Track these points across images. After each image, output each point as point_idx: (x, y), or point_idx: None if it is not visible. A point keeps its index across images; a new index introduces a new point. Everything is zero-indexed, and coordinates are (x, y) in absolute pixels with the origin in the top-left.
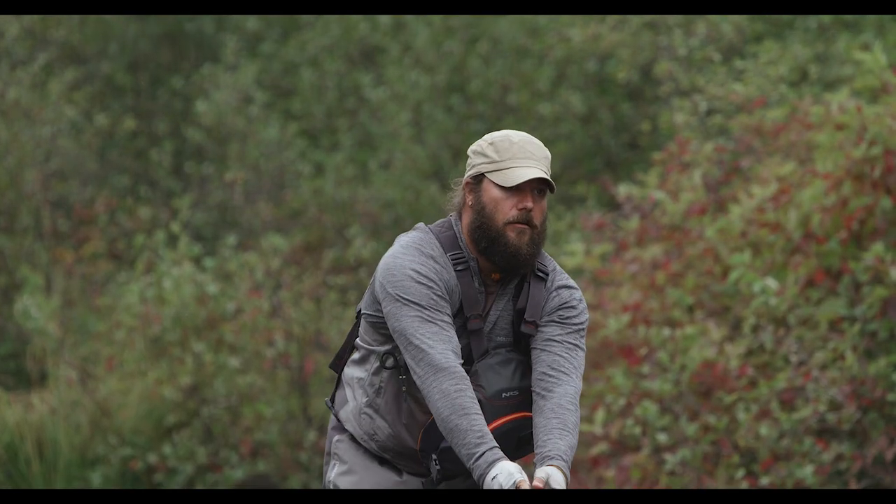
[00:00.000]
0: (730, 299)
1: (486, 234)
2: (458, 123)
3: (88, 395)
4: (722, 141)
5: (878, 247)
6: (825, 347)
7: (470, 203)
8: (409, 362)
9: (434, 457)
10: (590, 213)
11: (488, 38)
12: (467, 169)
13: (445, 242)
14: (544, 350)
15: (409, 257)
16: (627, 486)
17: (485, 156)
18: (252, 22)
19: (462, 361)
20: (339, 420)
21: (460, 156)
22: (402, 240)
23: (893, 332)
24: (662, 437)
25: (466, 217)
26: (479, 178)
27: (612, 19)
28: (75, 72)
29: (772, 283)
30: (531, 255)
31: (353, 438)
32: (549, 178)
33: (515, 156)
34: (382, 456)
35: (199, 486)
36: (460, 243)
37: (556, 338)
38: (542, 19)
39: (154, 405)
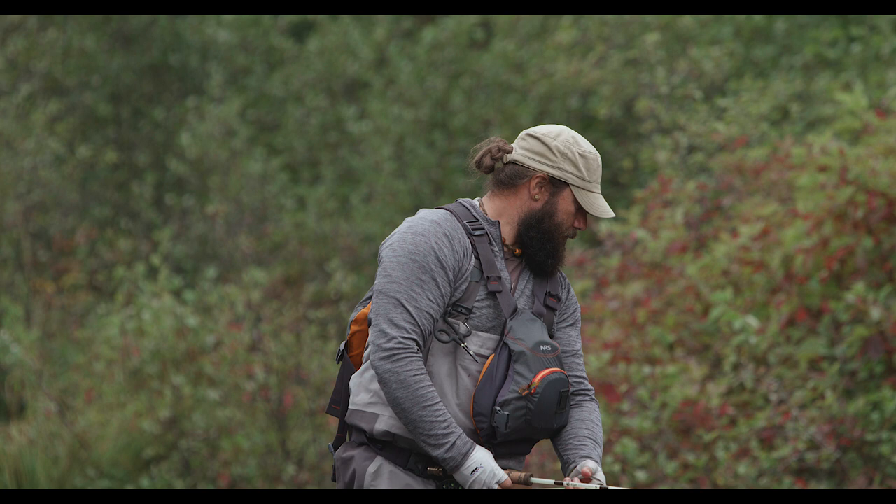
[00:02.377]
0: (710, 337)
1: (546, 238)
2: (439, 158)
3: (67, 426)
4: (703, 179)
5: (859, 286)
6: (805, 387)
7: (538, 198)
8: (378, 321)
9: (497, 408)
10: (571, 250)
11: (471, 74)
12: (539, 158)
13: (458, 212)
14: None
15: (424, 230)
16: None
17: (576, 167)
18: (237, 56)
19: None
20: (369, 439)
21: (441, 191)
22: (413, 219)
23: (873, 371)
24: (641, 475)
25: (521, 205)
26: (560, 184)
27: (594, 55)
28: (58, 103)
29: (752, 321)
30: (564, 263)
31: (391, 461)
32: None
33: (596, 180)
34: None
35: None
36: (475, 213)
37: (571, 330)
38: (526, 54)
39: (132, 437)
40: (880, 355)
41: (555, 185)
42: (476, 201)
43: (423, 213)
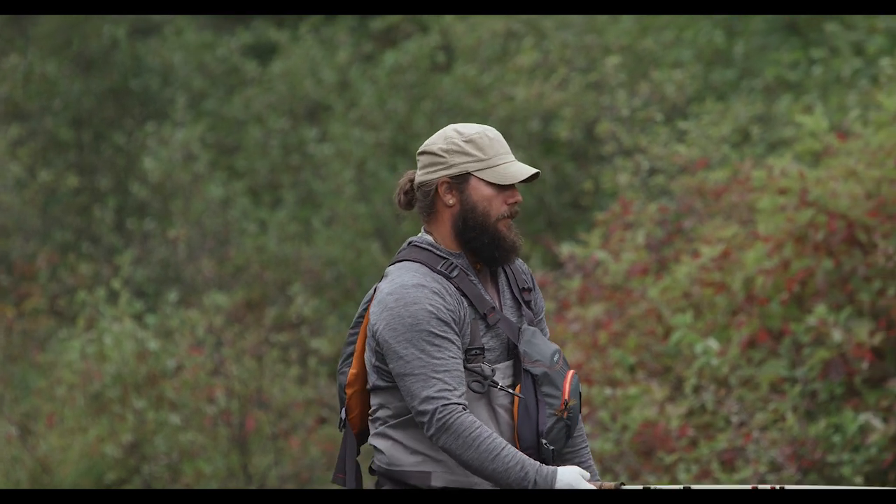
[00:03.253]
0: (671, 359)
1: (480, 233)
2: None
3: (28, 451)
4: (664, 201)
5: (821, 309)
6: (766, 408)
7: (452, 203)
8: (416, 404)
9: (543, 441)
10: (532, 272)
11: (433, 97)
12: (432, 168)
13: (428, 261)
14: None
15: (413, 298)
16: None
17: (467, 154)
18: (197, 80)
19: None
20: (395, 482)
21: (404, 215)
22: (395, 282)
23: (834, 393)
24: None
25: (446, 218)
26: (462, 178)
27: (555, 78)
28: (19, 128)
29: (713, 343)
30: (520, 245)
31: None
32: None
33: (499, 152)
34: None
35: None
36: (440, 252)
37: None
38: (487, 77)
39: (94, 462)
40: (841, 377)
41: (458, 181)
42: (426, 236)
43: (398, 277)
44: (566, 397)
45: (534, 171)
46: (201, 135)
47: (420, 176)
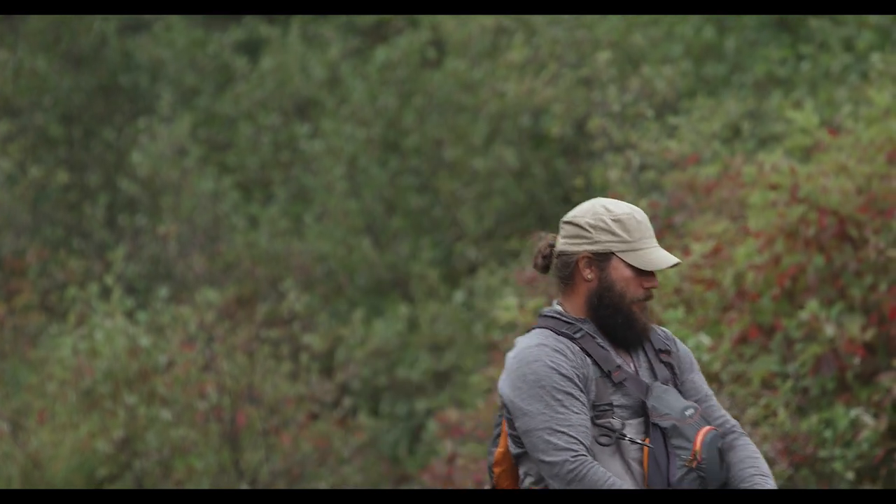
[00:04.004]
0: None
1: (615, 313)
2: (391, 177)
3: (20, 447)
4: (655, 197)
5: (812, 304)
6: (758, 404)
7: (590, 278)
8: (543, 458)
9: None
10: (523, 268)
11: (423, 93)
12: (576, 240)
13: (554, 327)
14: (690, 382)
15: (534, 357)
16: None
17: (612, 234)
18: (188, 77)
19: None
20: None
21: (394, 210)
22: (517, 347)
23: (825, 388)
24: None
25: (581, 291)
26: (604, 256)
27: (546, 74)
28: (9, 124)
29: (705, 339)
30: (650, 328)
31: None
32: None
33: (644, 236)
34: None
35: None
36: (566, 318)
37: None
38: (477, 73)
39: (86, 458)
40: (833, 372)
41: (600, 259)
42: (556, 307)
43: (521, 342)
44: (697, 448)
45: (676, 260)
46: (191, 131)
47: (562, 245)
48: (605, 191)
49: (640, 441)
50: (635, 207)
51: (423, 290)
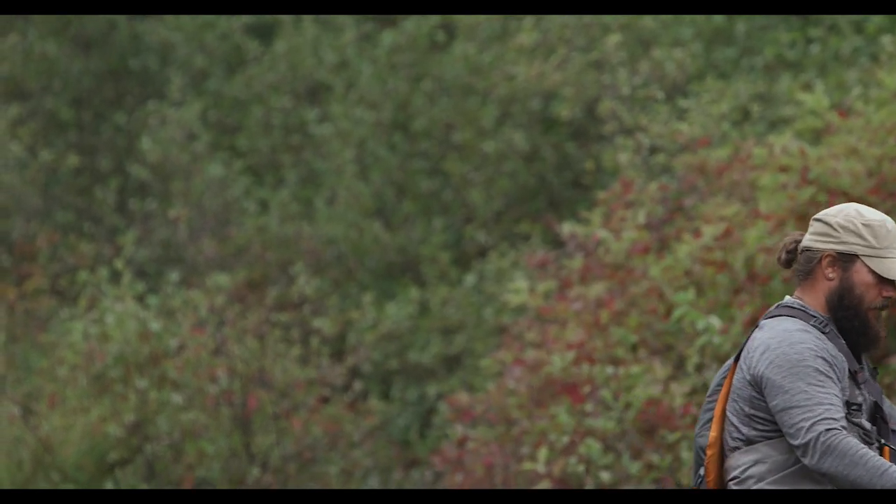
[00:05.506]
0: (673, 338)
1: (848, 314)
2: (401, 161)
3: (31, 431)
4: (665, 180)
5: None
6: None
7: (832, 277)
8: (798, 433)
9: None
10: (534, 251)
11: (433, 76)
12: (823, 238)
13: (801, 317)
14: None
15: (798, 339)
16: None
17: (860, 237)
18: (196, 58)
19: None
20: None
21: (404, 193)
22: (776, 329)
23: None
24: (606, 476)
25: (822, 288)
26: (849, 257)
27: (556, 58)
28: (19, 107)
29: (715, 321)
30: (883, 337)
31: None
32: None
33: (892, 245)
34: None
35: None
36: (812, 313)
37: None
38: (487, 56)
39: (97, 442)
40: None
41: (844, 260)
42: (793, 301)
43: (778, 325)
44: None
45: None
46: (201, 114)
47: (808, 241)
48: (615, 174)
49: (891, 445)
50: (887, 217)
51: (433, 274)
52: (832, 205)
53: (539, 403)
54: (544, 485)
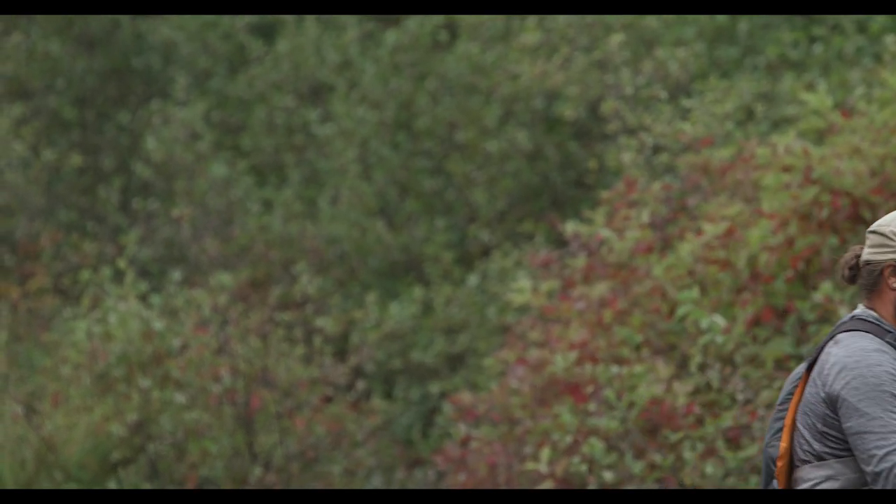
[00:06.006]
0: (677, 337)
1: None
2: (404, 160)
3: (34, 430)
4: (669, 179)
5: (826, 286)
6: (771, 386)
7: (895, 285)
8: (872, 462)
9: None
10: (537, 251)
11: (436, 76)
12: (881, 249)
13: (876, 333)
14: None
15: (875, 361)
16: None
17: None
18: (199, 58)
19: None
20: None
21: (407, 192)
22: (852, 346)
23: None
24: (608, 475)
25: (888, 299)
26: None
27: (559, 57)
28: (22, 106)
29: (719, 319)
30: None
31: None
32: None
33: None
34: None
35: None
36: (886, 327)
37: None
38: (490, 56)
39: (100, 441)
40: None
41: None
42: (871, 312)
43: (854, 342)
44: None
45: None
46: (204, 114)
47: (867, 254)
48: (618, 173)
49: None
50: None
51: (436, 273)
52: (836, 204)
53: (542, 403)
54: (547, 484)
